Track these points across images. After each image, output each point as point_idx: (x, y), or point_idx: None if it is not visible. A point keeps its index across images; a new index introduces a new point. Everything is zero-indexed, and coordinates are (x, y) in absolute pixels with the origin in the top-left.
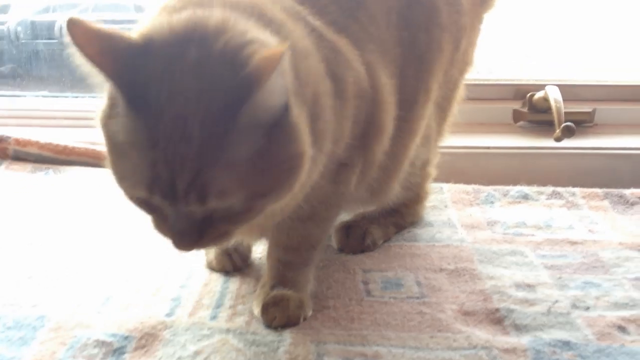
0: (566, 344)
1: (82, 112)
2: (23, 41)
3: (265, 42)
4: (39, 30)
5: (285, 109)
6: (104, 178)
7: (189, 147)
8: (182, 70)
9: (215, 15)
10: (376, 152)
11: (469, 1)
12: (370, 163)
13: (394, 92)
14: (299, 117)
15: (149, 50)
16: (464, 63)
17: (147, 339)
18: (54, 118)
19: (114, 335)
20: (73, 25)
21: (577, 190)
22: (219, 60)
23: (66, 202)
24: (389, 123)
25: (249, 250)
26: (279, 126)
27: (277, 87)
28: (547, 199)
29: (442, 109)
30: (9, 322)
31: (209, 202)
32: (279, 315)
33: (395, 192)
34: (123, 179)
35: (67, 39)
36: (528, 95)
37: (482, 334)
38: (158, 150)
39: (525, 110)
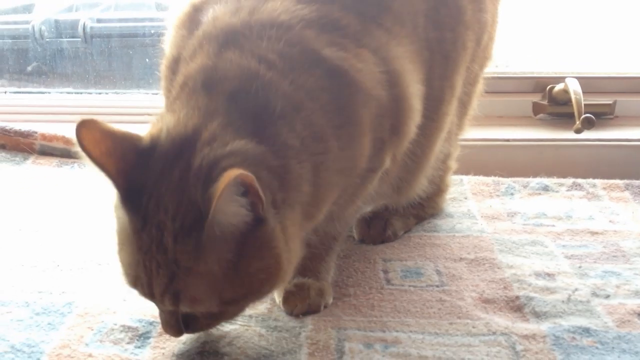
0: (586, 331)
1: (105, 108)
2: (47, 40)
3: (242, 154)
4: (63, 29)
5: (257, 223)
6: None
7: (164, 256)
8: (168, 183)
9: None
10: (397, 155)
11: None
12: (392, 165)
13: (422, 97)
14: (276, 229)
15: (151, 156)
16: (484, 58)
17: None
18: (79, 114)
19: (139, 320)
20: (82, 128)
21: (597, 181)
22: (194, 177)
23: (91, 195)
24: (412, 130)
25: None
26: (248, 241)
27: (232, 206)
28: (568, 190)
29: (463, 104)
30: (38, 308)
31: (182, 307)
32: (300, 303)
33: (422, 187)
34: (121, 262)
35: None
36: (548, 87)
37: (501, 320)
38: (141, 253)
39: (545, 102)
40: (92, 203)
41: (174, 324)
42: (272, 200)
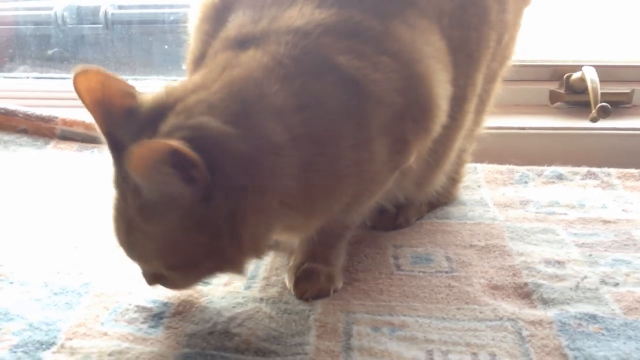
0: (592, 317)
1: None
2: (69, 26)
3: (200, 128)
4: (84, 15)
5: (203, 199)
6: None
7: (124, 213)
8: (132, 149)
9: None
10: (419, 152)
11: None
12: (414, 162)
13: (449, 97)
14: (223, 211)
15: (135, 116)
16: (504, 57)
17: (185, 305)
18: None
19: (153, 301)
20: (80, 74)
21: (612, 170)
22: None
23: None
24: (437, 129)
25: None
26: (192, 214)
27: (158, 175)
28: (582, 179)
29: (482, 101)
30: (56, 288)
31: (137, 262)
32: (310, 288)
33: (440, 182)
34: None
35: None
36: (565, 76)
37: (509, 306)
38: (115, 208)
39: (562, 91)
40: (111, 187)
41: (145, 276)
42: (229, 183)
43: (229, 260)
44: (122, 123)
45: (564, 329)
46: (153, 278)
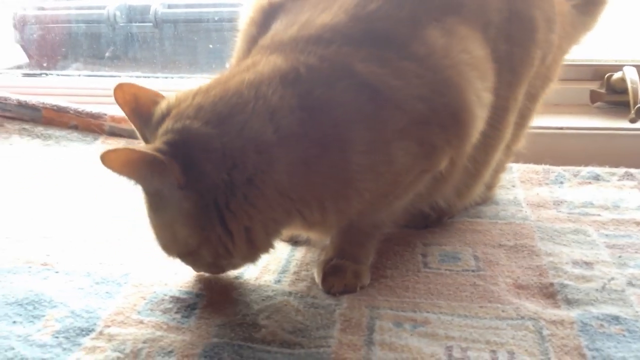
0: (615, 319)
1: (172, 92)
2: (120, 24)
3: (181, 132)
4: (135, 14)
5: (184, 197)
6: None
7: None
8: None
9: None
10: (457, 159)
11: (561, 21)
12: (452, 168)
13: (488, 105)
14: (195, 203)
15: (150, 123)
16: (547, 77)
17: (217, 297)
18: None
19: (188, 292)
20: (116, 89)
21: None
22: None
23: None
24: (473, 135)
25: None
26: (178, 207)
27: (140, 175)
28: (619, 180)
29: (522, 116)
30: (98, 278)
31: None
32: (337, 283)
33: (480, 192)
34: None
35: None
36: (606, 75)
37: (531, 306)
38: None
39: (602, 91)
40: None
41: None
42: (209, 179)
43: (226, 251)
44: (147, 127)
45: (585, 329)
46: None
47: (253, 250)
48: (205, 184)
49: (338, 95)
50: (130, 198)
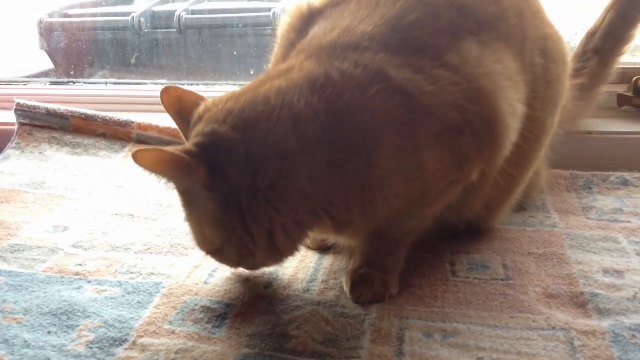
0: None
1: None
2: (145, 31)
3: (209, 135)
4: (159, 21)
5: (210, 198)
6: None
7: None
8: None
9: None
10: (488, 171)
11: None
12: (482, 180)
13: (520, 116)
14: (218, 203)
15: (190, 125)
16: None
17: (247, 307)
18: None
19: (218, 302)
20: (163, 92)
21: None
22: None
23: None
24: (505, 147)
25: None
26: (203, 210)
27: (173, 176)
28: None
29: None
30: (130, 288)
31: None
32: (365, 293)
33: (507, 214)
34: None
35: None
36: (634, 79)
37: (562, 316)
38: None
39: (630, 94)
40: None
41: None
42: (234, 183)
43: (247, 251)
44: (188, 128)
45: (617, 340)
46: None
47: (275, 251)
48: (228, 187)
49: (369, 100)
50: (160, 207)
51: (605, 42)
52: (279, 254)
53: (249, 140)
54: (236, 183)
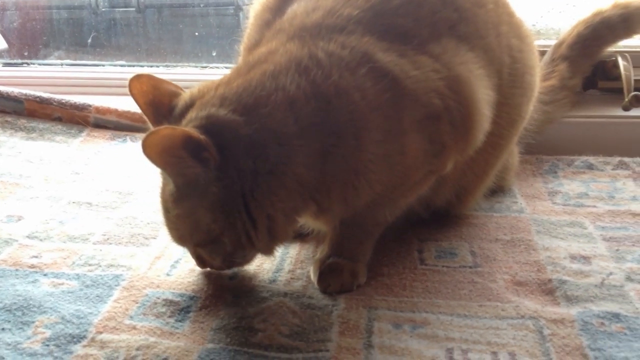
0: (615, 316)
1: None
2: (102, 10)
3: (209, 118)
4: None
5: (214, 180)
6: None
7: (163, 204)
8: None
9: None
10: (459, 160)
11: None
12: (454, 168)
13: (492, 103)
14: (220, 190)
15: (170, 116)
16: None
17: (211, 300)
18: None
19: (181, 295)
20: (134, 80)
21: None
22: None
23: (142, 169)
24: (479, 136)
25: None
26: (204, 195)
27: (171, 163)
28: (613, 169)
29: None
30: (88, 281)
31: (178, 244)
32: (333, 282)
33: (479, 200)
34: None
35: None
36: (598, 62)
37: (531, 304)
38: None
39: (595, 78)
40: (143, 177)
41: (193, 258)
42: (238, 165)
43: (248, 238)
44: (166, 120)
45: (586, 328)
46: (198, 260)
47: (272, 240)
48: (234, 168)
49: (358, 80)
50: (120, 195)
51: (572, 50)
52: (274, 243)
53: (250, 123)
54: (241, 165)
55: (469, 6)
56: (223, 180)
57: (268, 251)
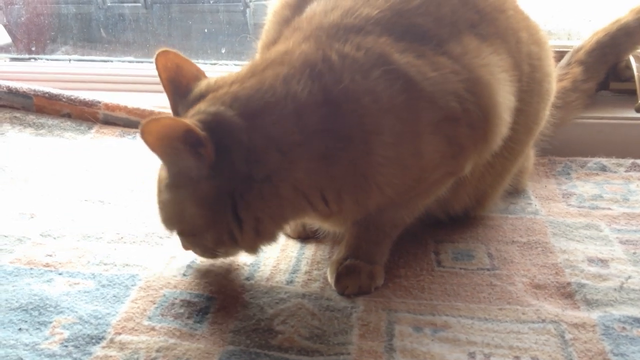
0: (637, 321)
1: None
2: (110, 5)
3: (214, 115)
4: None
5: (206, 177)
6: None
7: (158, 189)
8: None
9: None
10: (477, 163)
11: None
12: (471, 172)
13: (512, 109)
14: (214, 189)
15: (186, 99)
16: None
17: (229, 300)
18: (140, 83)
19: (198, 295)
20: (160, 55)
21: None
22: None
23: (153, 166)
24: (497, 139)
25: None
26: (197, 189)
27: (168, 153)
28: (626, 171)
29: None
30: (104, 280)
31: (164, 227)
32: (351, 284)
33: (495, 204)
34: None
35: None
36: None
37: (551, 307)
38: None
39: (607, 79)
40: (153, 175)
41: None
42: (232, 168)
43: (231, 237)
44: (182, 102)
45: (608, 332)
46: (183, 245)
47: (257, 240)
48: (227, 170)
49: (370, 84)
50: (132, 192)
51: (590, 57)
52: (259, 243)
53: (253, 130)
54: (235, 168)
55: (490, 10)
56: (215, 179)
57: (252, 250)
